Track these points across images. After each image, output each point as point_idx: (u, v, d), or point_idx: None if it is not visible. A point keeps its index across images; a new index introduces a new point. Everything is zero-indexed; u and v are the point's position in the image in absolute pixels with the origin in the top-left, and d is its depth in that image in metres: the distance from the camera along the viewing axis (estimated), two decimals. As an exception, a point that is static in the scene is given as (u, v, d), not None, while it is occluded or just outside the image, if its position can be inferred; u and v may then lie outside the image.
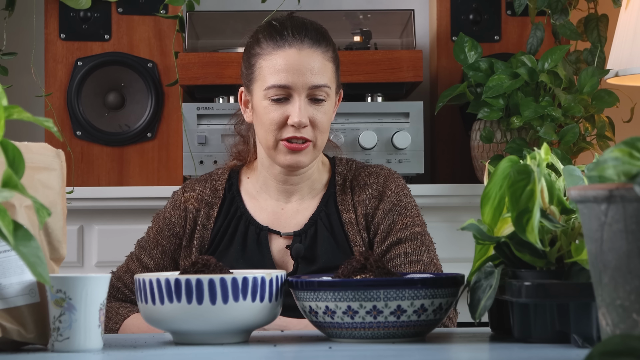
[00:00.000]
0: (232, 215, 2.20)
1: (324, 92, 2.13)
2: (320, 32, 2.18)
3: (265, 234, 2.17)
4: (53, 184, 1.68)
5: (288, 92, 2.12)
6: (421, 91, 3.32)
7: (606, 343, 1.06)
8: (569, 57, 3.08)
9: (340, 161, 2.28)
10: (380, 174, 2.23)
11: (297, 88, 2.11)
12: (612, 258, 1.19)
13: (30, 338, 1.58)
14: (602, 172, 1.21)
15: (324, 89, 2.13)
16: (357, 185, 2.21)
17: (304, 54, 2.13)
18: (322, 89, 2.13)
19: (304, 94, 2.12)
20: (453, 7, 3.19)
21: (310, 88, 2.12)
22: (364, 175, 2.23)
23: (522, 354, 1.48)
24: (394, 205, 2.19)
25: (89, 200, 3.00)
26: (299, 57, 2.13)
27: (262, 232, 2.17)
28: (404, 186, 2.24)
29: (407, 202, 2.22)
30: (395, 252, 2.16)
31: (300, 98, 2.12)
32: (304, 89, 2.12)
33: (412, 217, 2.20)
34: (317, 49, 2.14)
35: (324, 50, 2.16)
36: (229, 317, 1.61)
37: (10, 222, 1.26)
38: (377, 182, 2.22)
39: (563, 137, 2.88)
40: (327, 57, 2.16)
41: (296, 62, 2.12)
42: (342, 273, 1.67)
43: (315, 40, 2.15)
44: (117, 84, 3.12)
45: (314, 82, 2.12)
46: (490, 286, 1.59)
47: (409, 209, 2.20)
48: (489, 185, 1.63)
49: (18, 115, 1.34)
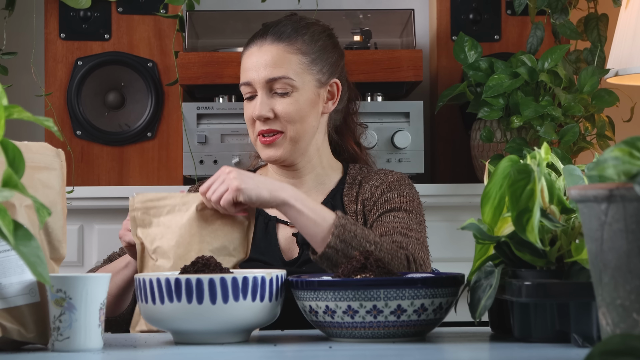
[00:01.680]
0: None
1: (282, 85, 2.19)
2: (289, 28, 2.24)
3: (273, 224, 2.22)
4: (53, 183, 1.68)
5: (252, 88, 2.21)
6: (421, 91, 3.32)
7: (606, 342, 1.06)
8: (569, 56, 3.08)
9: (353, 166, 2.32)
10: (389, 174, 2.27)
11: (256, 83, 2.20)
12: (612, 257, 1.19)
13: (31, 338, 1.58)
14: (602, 171, 1.21)
15: (281, 80, 2.19)
16: (365, 183, 2.25)
17: (262, 50, 2.21)
18: (279, 80, 2.19)
19: (264, 89, 2.19)
20: (453, 7, 3.19)
21: (268, 81, 2.19)
22: (373, 174, 2.27)
23: (522, 354, 1.48)
24: (394, 189, 2.22)
25: (89, 200, 3.00)
26: (258, 54, 2.21)
27: (270, 221, 2.22)
28: (411, 184, 2.26)
29: (410, 192, 2.23)
30: (387, 215, 2.17)
31: (262, 93, 2.19)
32: (262, 83, 2.19)
33: (412, 201, 2.21)
34: (278, 44, 2.21)
35: (288, 44, 2.21)
36: (229, 317, 1.61)
37: (10, 221, 1.26)
38: (384, 178, 2.25)
39: (563, 136, 2.88)
40: (291, 49, 2.21)
41: (254, 58, 2.22)
42: (343, 272, 1.67)
43: (277, 35, 2.22)
44: (117, 83, 3.12)
45: (269, 75, 2.19)
46: (491, 286, 1.59)
47: (411, 196, 2.22)
48: (489, 184, 1.63)
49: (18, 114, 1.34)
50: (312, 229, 1.98)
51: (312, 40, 2.24)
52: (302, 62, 2.22)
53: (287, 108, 2.19)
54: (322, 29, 2.28)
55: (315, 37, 2.25)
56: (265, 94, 2.19)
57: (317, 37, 2.25)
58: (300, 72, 2.21)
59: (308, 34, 2.24)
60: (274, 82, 2.19)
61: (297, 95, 2.20)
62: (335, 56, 2.28)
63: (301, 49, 2.22)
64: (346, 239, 1.94)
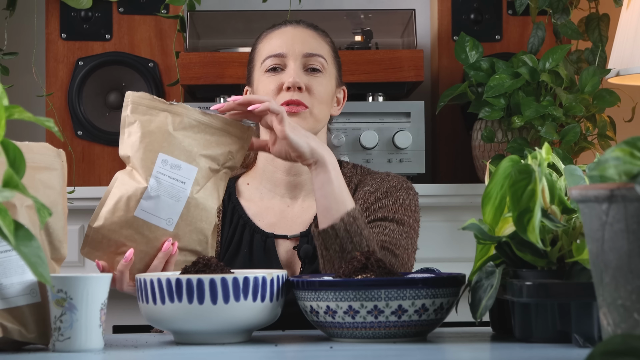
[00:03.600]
0: (235, 225, 2.18)
1: (319, 62, 2.17)
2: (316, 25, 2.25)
3: (271, 241, 2.15)
4: (54, 183, 1.69)
5: (283, 60, 2.16)
6: (422, 91, 3.32)
7: (607, 343, 1.06)
8: (570, 56, 3.08)
9: (347, 164, 2.27)
10: (385, 178, 2.21)
11: (291, 55, 2.16)
12: (613, 258, 1.19)
13: (31, 338, 1.58)
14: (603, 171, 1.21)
15: (318, 58, 2.17)
16: (360, 189, 2.19)
17: (298, 29, 2.20)
18: (316, 57, 2.16)
19: (298, 61, 2.16)
20: (454, 7, 3.19)
21: (305, 55, 2.16)
22: (369, 178, 2.22)
23: (523, 354, 1.48)
24: (389, 195, 2.16)
25: (90, 200, 3.00)
26: (294, 31, 2.19)
27: (268, 239, 2.15)
28: (410, 188, 2.21)
29: (407, 197, 2.18)
30: (377, 225, 2.12)
31: (296, 64, 2.15)
32: (298, 56, 2.16)
33: (407, 209, 2.16)
34: (312, 30, 2.21)
35: (320, 34, 2.22)
36: (230, 317, 1.61)
37: (11, 222, 1.26)
38: (380, 184, 2.19)
39: (564, 136, 2.88)
40: (323, 39, 2.21)
41: (290, 34, 2.19)
42: (343, 273, 1.67)
43: (310, 25, 2.23)
44: (118, 83, 3.12)
45: (308, 50, 2.17)
46: (492, 286, 1.59)
47: (407, 204, 2.17)
48: (490, 184, 1.63)
49: (19, 115, 1.34)
50: (329, 203, 1.95)
51: (333, 43, 2.26)
52: (330, 54, 2.21)
53: (318, 86, 2.15)
54: None
55: (334, 44, 2.26)
56: (300, 67, 2.16)
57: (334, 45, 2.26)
58: (330, 61, 2.20)
59: (329, 37, 2.25)
60: (311, 58, 2.16)
61: (327, 79, 2.18)
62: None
63: (330, 43, 2.23)
64: (351, 231, 1.92)
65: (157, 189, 1.85)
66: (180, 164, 1.88)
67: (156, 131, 1.89)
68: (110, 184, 1.90)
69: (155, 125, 1.90)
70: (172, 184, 1.87)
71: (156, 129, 1.89)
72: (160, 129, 1.89)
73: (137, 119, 1.90)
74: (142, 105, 1.91)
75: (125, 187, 1.87)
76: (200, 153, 1.90)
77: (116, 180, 1.90)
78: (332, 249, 1.91)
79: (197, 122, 1.91)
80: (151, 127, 1.90)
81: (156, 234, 1.86)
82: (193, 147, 1.90)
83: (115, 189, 1.88)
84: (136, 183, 1.86)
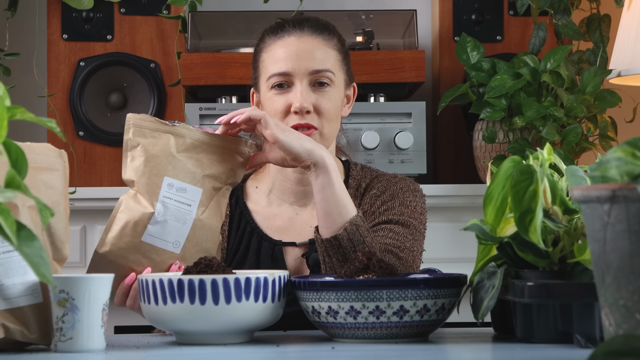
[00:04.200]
0: (242, 231, 2.16)
1: (327, 77, 2.10)
2: (322, 23, 2.17)
3: (279, 249, 2.13)
4: (56, 184, 1.69)
5: (289, 79, 2.09)
6: (423, 91, 3.32)
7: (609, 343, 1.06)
8: (572, 57, 3.08)
9: (355, 166, 2.23)
10: (392, 180, 2.18)
11: (297, 74, 2.09)
12: (615, 258, 1.19)
13: (33, 338, 1.58)
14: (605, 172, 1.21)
15: (325, 73, 2.10)
16: (367, 193, 2.17)
17: (303, 41, 2.12)
18: (323, 73, 2.10)
19: (305, 80, 2.09)
20: (455, 7, 3.19)
21: (311, 73, 2.09)
22: (376, 181, 2.19)
23: (524, 354, 1.48)
24: (396, 197, 2.14)
25: (91, 201, 3.00)
26: (298, 44, 2.11)
27: (276, 247, 2.13)
28: (417, 190, 2.18)
29: (414, 200, 2.15)
30: (382, 227, 2.09)
31: (302, 84, 2.08)
32: (305, 74, 2.09)
33: (413, 211, 2.13)
34: (317, 36, 2.13)
35: (326, 38, 2.14)
36: (231, 318, 1.61)
37: (13, 222, 1.26)
38: (386, 185, 2.16)
39: (565, 137, 2.88)
40: (330, 44, 2.14)
41: (295, 48, 2.11)
42: (345, 273, 1.67)
43: (315, 28, 2.14)
44: (120, 84, 3.12)
45: (314, 66, 2.09)
46: (493, 286, 1.59)
47: (413, 206, 2.13)
48: (491, 185, 1.63)
49: (21, 115, 1.34)
50: (330, 206, 1.92)
51: (341, 40, 2.19)
52: (338, 59, 2.15)
53: (327, 104, 2.09)
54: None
55: (342, 38, 2.20)
56: (307, 86, 2.09)
57: (343, 39, 2.20)
58: (338, 69, 2.14)
59: (338, 33, 2.18)
60: (317, 74, 2.09)
61: (334, 92, 2.12)
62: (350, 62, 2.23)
63: (337, 45, 2.15)
64: (354, 240, 1.90)
65: (164, 214, 1.85)
66: (186, 186, 1.87)
67: (160, 154, 1.88)
68: (115, 209, 1.89)
69: (158, 148, 1.89)
70: (179, 208, 1.86)
71: (160, 152, 1.88)
72: (164, 152, 1.88)
73: (140, 143, 1.89)
74: (144, 127, 1.90)
75: (131, 212, 1.86)
76: (203, 174, 1.90)
77: (121, 205, 1.88)
78: (334, 257, 1.90)
79: (199, 142, 1.91)
80: (155, 150, 1.88)
81: (163, 257, 1.85)
82: (197, 168, 1.89)
83: (121, 214, 1.87)
84: (142, 208, 1.85)
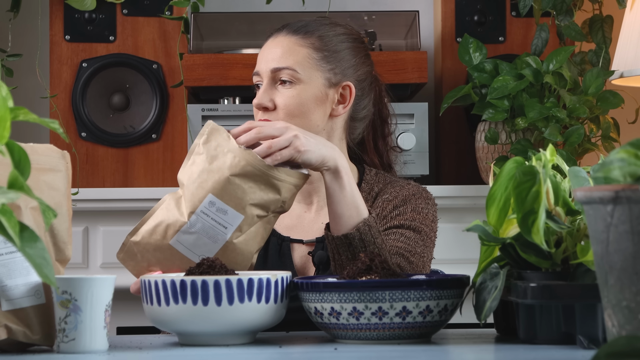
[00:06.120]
0: None
1: (286, 75, 2.12)
2: (304, 24, 2.19)
3: (287, 245, 2.14)
4: (58, 185, 1.69)
5: (260, 78, 2.16)
6: (426, 92, 3.32)
7: (612, 344, 1.06)
8: (574, 58, 3.08)
9: (370, 171, 2.23)
10: (405, 186, 2.18)
11: (263, 72, 2.15)
12: (618, 259, 1.19)
13: (36, 339, 1.58)
14: (608, 173, 1.21)
15: (284, 71, 2.13)
16: (379, 197, 2.17)
17: (275, 41, 2.17)
18: (282, 71, 2.13)
19: (268, 79, 2.14)
20: (458, 8, 3.19)
21: (272, 71, 2.14)
22: (389, 187, 2.19)
23: (527, 355, 1.48)
24: (408, 202, 2.13)
25: (94, 202, 3.00)
26: (270, 45, 2.17)
27: (284, 242, 2.14)
28: (429, 198, 2.18)
29: (426, 206, 2.15)
30: (394, 231, 2.09)
31: (266, 82, 2.14)
32: (267, 72, 2.14)
33: (424, 218, 2.13)
34: (292, 36, 2.16)
35: (301, 37, 2.16)
36: (234, 319, 1.61)
37: (16, 223, 1.26)
38: (398, 191, 2.16)
39: (568, 138, 2.88)
40: (302, 43, 2.15)
41: (266, 49, 2.17)
42: (348, 274, 1.67)
43: (293, 29, 2.17)
44: (122, 85, 3.13)
45: (274, 65, 2.14)
46: (496, 287, 1.59)
47: (425, 213, 2.14)
48: (494, 186, 1.63)
49: (24, 116, 1.35)
50: (343, 210, 1.92)
51: (329, 38, 2.18)
52: (311, 57, 2.15)
53: (287, 100, 2.11)
54: (348, 32, 2.22)
55: (335, 38, 2.19)
56: (269, 84, 2.13)
57: (338, 37, 2.19)
58: (308, 67, 2.14)
59: (329, 32, 2.18)
60: (278, 72, 2.13)
61: (300, 89, 2.13)
62: (356, 61, 2.20)
63: (314, 43, 2.16)
64: (366, 240, 1.90)
65: (196, 227, 1.84)
66: (227, 209, 1.86)
67: (215, 171, 1.86)
68: (158, 203, 1.89)
69: (217, 164, 1.87)
70: (213, 226, 1.85)
71: (216, 168, 1.86)
72: (220, 170, 1.86)
73: (205, 152, 1.89)
74: (216, 140, 1.89)
75: (169, 213, 1.86)
76: (250, 202, 1.86)
77: (164, 202, 1.89)
78: (344, 255, 1.90)
79: (259, 172, 1.86)
80: (213, 165, 1.87)
81: (186, 267, 1.84)
82: (245, 196, 1.85)
83: (160, 211, 1.88)
84: (179, 215, 1.85)
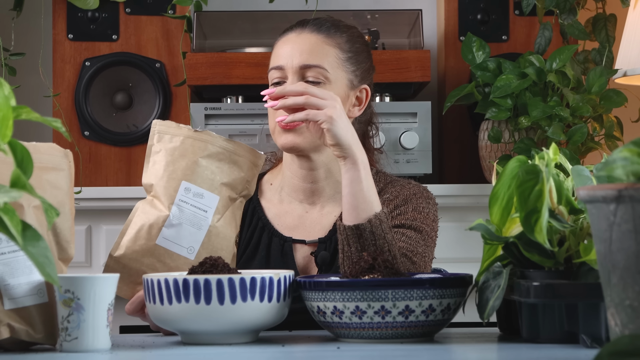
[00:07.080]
0: (254, 227, 2.17)
1: (317, 73, 2.10)
2: (329, 22, 2.17)
3: (289, 245, 2.13)
4: (61, 184, 1.69)
5: (283, 73, 2.11)
6: (429, 91, 3.31)
7: (615, 343, 1.06)
8: (577, 57, 3.08)
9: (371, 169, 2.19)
10: (406, 186, 2.18)
11: (289, 68, 2.10)
12: (621, 258, 1.19)
13: (39, 338, 1.58)
14: (611, 172, 1.21)
15: (315, 69, 2.10)
16: (380, 196, 2.15)
17: (301, 37, 2.13)
18: (313, 69, 2.10)
19: (295, 75, 2.10)
20: (461, 7, 3.19)
21: (302, 67, 2.10)
22: (390, 186, 2.19)
23: (530, 354, 1.48)
24: (409, 202, 2.14)
25: (96, 201, 3.00)
26: (295, 39, 2.13)
27: (286, 243, 2.14)
28: (430, 197, 2.18)
29: (427, 206, 2.15)
30: (395, 231, 2.08)
31: (294, 79, 2.10)
32: (295, 69, 2.10)
33: (425, 217, 2.13)
34: (318, 34, 2.14)
35: (327, 36, 2.14)
36: (237, 317, 1.61)
37: (18, 222, 1.26)
38: (399, 191, 2.16)
39: (571, 137, 2.88)
40: (330, 42, 2.14)
41: (291, 43, 2.13)
42: (350, 273, 1.67)
43: (318, 26, 2.15)
44: (125, 84, 3.13)
45: (304, 61, 2.10)
46: (499, 286, 1.59)
47: (426, 212, 2.14)
48: (497, 185, 1.63)
49: (27, 115, 1.35)
50: (356, 202, 1.94)
51: (350, 39, 2.18)
52: (338, 57, 2.14)
53: None
54: (360, 34, 2.23)
55: (354, 39, 2.19)
56: (295, 80, 2.09)
57: (356, 39, 2.19)
58: (335, 66, 2.13)
59: (347, 33, 2.18)
60: (308, 70, 2.10)
61: (328, 89, 2.10)
62: (368, 64, 2.22)
63: (339, 44, 2.15)
64: (376, 234, 1.91)
65: (179, 217, 1.85)
66: (203, 192, 1.87)
67: (180, 159, 1.88)
68: (131, 214, 1.90)
69: (179, 153, 1.89)
70: (194, 212, 1.86)
71: (180, 157, 1.89)
72: (185, 157, 1.89)
73: (163, 148, 1.90)
74: (168, 133, 1.91)
75: (147, 215, 1.87)
76: (221, 182, 1.90)
77: (137, 210, 1.90)
78: (354, 247, 1.91)
79: (222, 149, 1.91)
80: (175, 155, 1.89)
81: (177, 263, 1.85)
82: (215, 176, 1.90)
83: (137, 217, 1.88)
84: (158, 211, 1.86)
